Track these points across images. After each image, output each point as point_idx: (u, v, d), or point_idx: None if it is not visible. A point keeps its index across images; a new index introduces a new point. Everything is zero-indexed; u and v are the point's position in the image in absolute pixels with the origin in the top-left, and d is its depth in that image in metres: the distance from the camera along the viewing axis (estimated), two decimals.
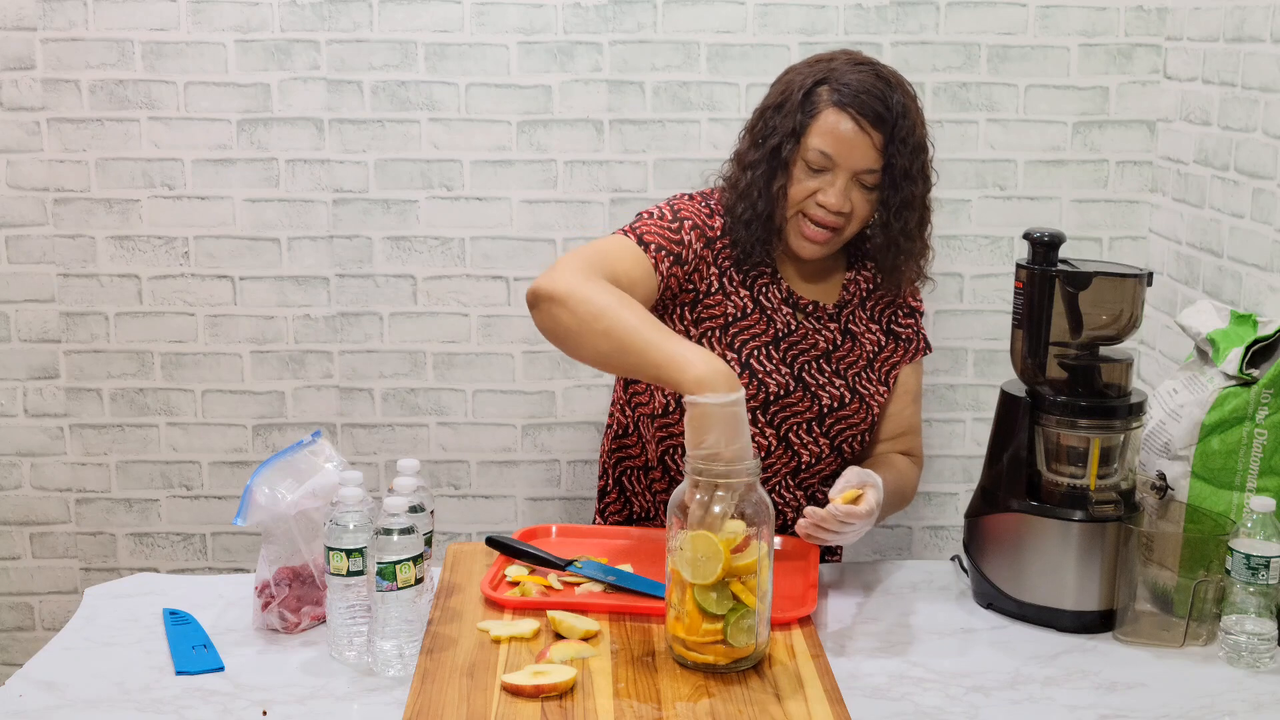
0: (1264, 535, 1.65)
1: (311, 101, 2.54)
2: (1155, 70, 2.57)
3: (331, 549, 1.60)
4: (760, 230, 1.92)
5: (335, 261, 2.60)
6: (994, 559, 1.82)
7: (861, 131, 1.86)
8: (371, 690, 1.56)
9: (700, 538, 1.52)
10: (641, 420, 2.04)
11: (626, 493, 2.11)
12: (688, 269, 1.91)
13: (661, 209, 1.94)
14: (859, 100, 1.85)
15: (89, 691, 1.55)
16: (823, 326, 1.99)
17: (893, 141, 1.87)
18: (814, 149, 1.87)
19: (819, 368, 1.97)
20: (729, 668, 1.55)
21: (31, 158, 2.54)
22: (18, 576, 2.70)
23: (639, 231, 1.89)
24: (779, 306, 1.97)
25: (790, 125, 1.88)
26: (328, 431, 2.64)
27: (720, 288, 1.95)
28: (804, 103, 1.88)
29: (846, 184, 1.88)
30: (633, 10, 2.51)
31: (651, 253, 1.87)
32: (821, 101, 1.87)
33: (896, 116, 1.86)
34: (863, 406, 1.98)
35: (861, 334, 2.01)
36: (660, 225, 1.91)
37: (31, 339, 2.61)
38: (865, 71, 1.89)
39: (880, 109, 1.86)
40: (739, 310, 1.95)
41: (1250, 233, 2.21)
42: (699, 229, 1.93)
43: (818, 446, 1.97)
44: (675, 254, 1.89)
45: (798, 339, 1.97)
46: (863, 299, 2.02)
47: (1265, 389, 1.77)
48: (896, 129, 1.86)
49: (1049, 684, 1.61)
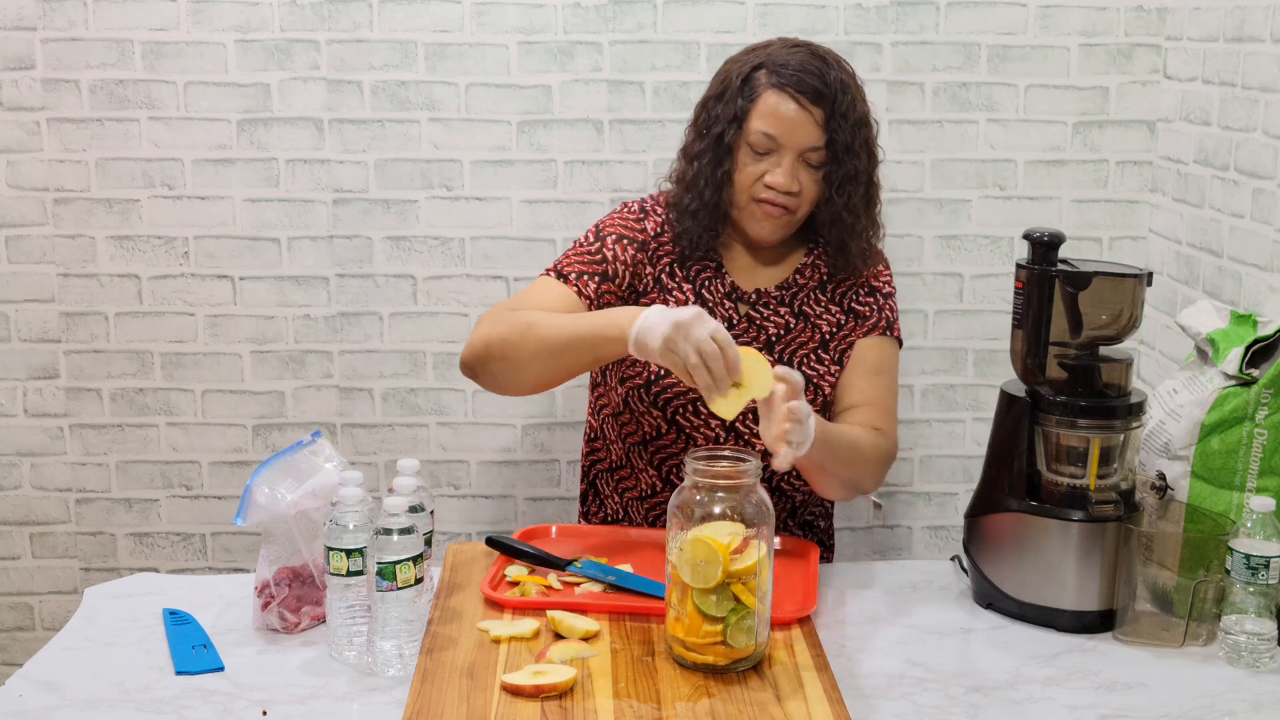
0: (1264, 535, 1.65)
1: (311, 101, 2.53)
2: (1155, 70, 2.57)
3: (331, 549, 1.60)
4: (707, 219, 1.94)
5: (335, 261, 2.60)
6: (994, 559, 1.82)
7: (802, 109, 1.88)
8: (371, 690, 1.56)
9: (699, 542, 1.52)
10: (606, 421, 2.07)
11: (600, 495, 2.14)
12: (622, 280, 1.96)
13: (586, 234, 2.00)
14: (797, 79, 1.88)
15: (89, 691, 1.55)
16: (772, 312, 1.99)
17: (834, 117, 1.89)
18: (757, 131, 1.89)
19: None
20: (728, 668, 1.55)
21: (31, 158, 2.54)
22: (18, 576, 2.70)
23: (559, 266, 1.96)
24: (721, 300, 1.98)
25: (732, 111, 1.91)
26: (328, 431, 2.64)
27: (659, 285, 1.97)
28: (743, 88, 1.91)
29: (793, 163, 1.90)
30: (633, 10, 2.52)
31: (572, 281, 1.93)
32: (760, 84, 1.90)
33: (835, 92, 1.89)
34: (810, 388, 1.97)
35: (817, 316, 2.00)
36: (579, 251, 1.97)
37: (31, 339, 2.61)
38: (801, 51, 1.92)
39: (819, 85, 1.88)
40: (681, 305, 1.96)
41: (1250, 233, 2.21)
42: (624, 239, 1.97)
43: None
44: (600, 273, 1.94)
45: (739, 332, 1.98)
46: (822, 281, 2.02)
47: (1265, 389, 1.77)
48: (837, 104, 1.89)
49: (1049, 684, 1.61)
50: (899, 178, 2.60)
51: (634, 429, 2.02)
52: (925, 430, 2.71)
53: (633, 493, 2.07)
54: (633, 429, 2.02)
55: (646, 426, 2.00)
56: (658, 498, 2.04)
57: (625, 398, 2.00)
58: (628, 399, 2.00)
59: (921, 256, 2.64)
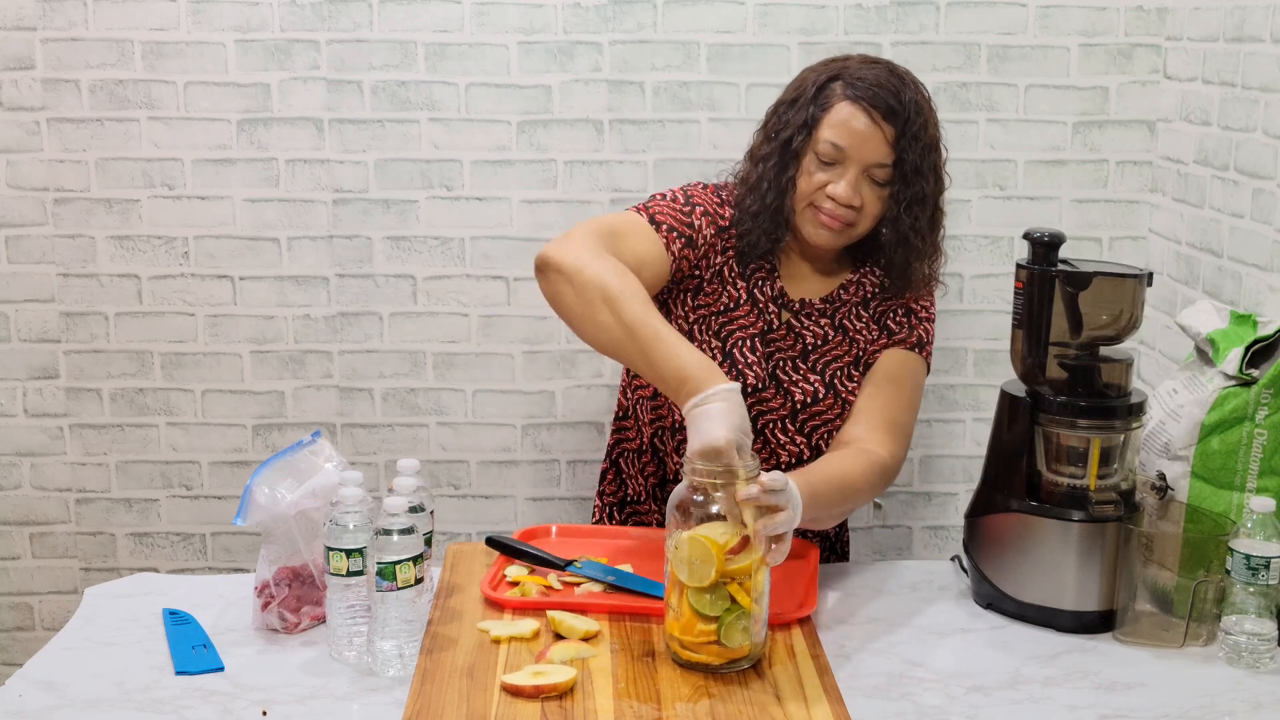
0: (1264, 535, 1.65)
1: (311, 101, 2.53)
2: (1155, 70, 2.57)
3: (331, 549, 1.60)
4: (767, 223, 1.92)
5: (335, 261, 2.60)
6: (994, 559, 1.82)
7: (873, 124, 1.86)
8: (371, 690, 1.56)
9: (695, 541, 1.52)
10: (640, 402, 2.06)
11: (623, 474, 2.13)
12: (698, 253, 1.93)
13: (674, 192, 1.96)
14: (872, 93, 1.86)
15: (89, 691, 1.55)
16: (812, 323, 1.98)
17: (904, 136, 1.87)
18: (825, 141, 1.87)
19: (794, 365, 1.97)
20: (724, 668, 1.55)
21: (31, 158, 2.54)
22: (18, 576, 2.70)
23: (652, 211, 1.91)
24: (768, 303, 1.97)
25: (802, 118, 1.89)
26: (328, 431, 2.64)
27: (721, 276, 1.96)
28: (816, 96, 1.89)
29: (857, 177, 1.88)
30: (633, 10, 2.51)
31: (664, 233, 1.89)
32: (834, 95, 1.88)
33: (909, 112, 1.87)
34: (838, 402, 1.97)
35: (856, 331, 1.99)
36: (673, 208, 1.93)
37: (31, 339, 2.61)
38: (879, 68, 1.91)
39: (893, 103, 1.86)
40: (733, 301, 1.96)
41: (1250, 233, 2.21)
42: (710, 216, 1.95)
43: (795, 446, 1.97)
44: (687, 236, 1.91)
45: (779, 336, 1.97)
46: (865, 298, 2.01)
47: (1265, 389, 1.77)
48: (909, 124, 1.87)
49: (1049, 684, 1.61)
50: None
51: (665, 413, 2.01)
52: (925, 430, 2.71)
53: (655, 477, 2.07)
54: (664, 413, 2.01)
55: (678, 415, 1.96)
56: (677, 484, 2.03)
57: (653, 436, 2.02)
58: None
59: None
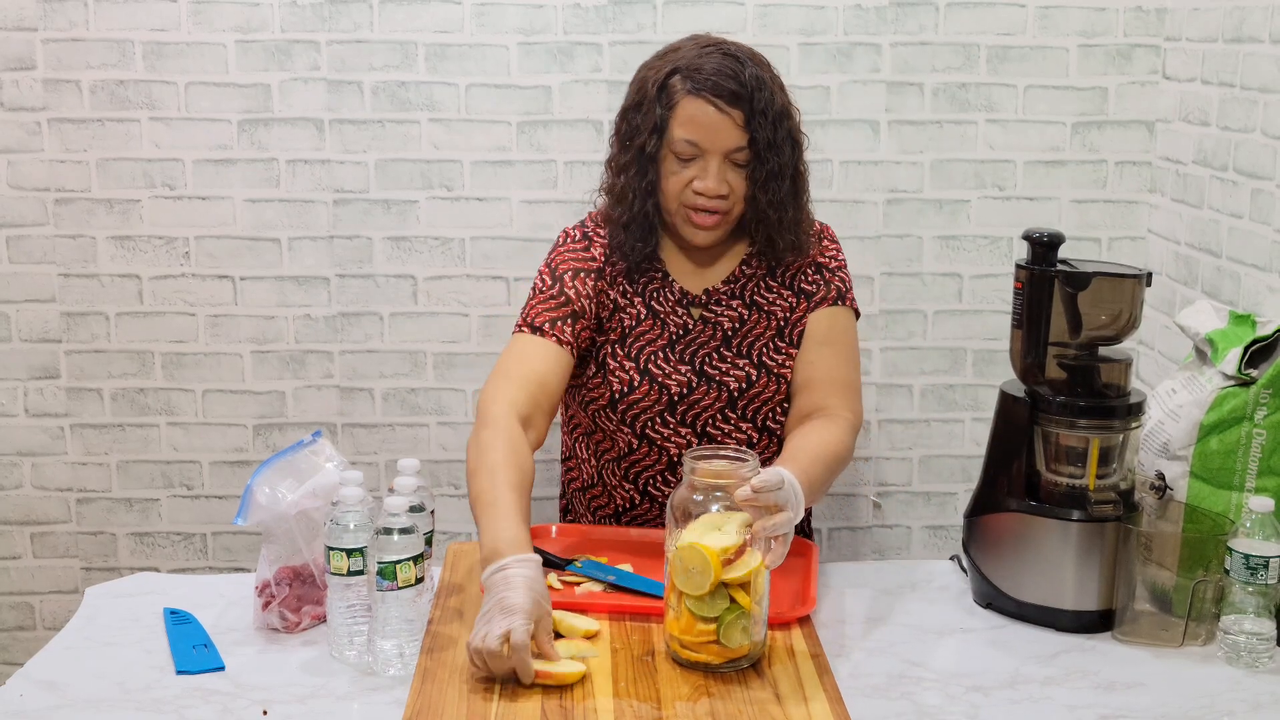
0: (1263, 535, 1.65)
1: (311, 102, 2.54)
2: (1154, 71, 2.57)
3: (332, 549, 1.60)
4: (639, 230, 1.94)
5: (335, 261, 2.60)
6: (994, 559, 1.82)
7: (721, 113, 1.87)
8: (371, 690, 1.56)
9: (692, 550, 1.52)
10: (579, 441, 2.08)
11: (575, 513, 2.14)
12: (589, 315, 1.95)
13: (541, 276, 1.98)
14: (712, 83, 1.87)
15: (89, 691, 1.56)
16: (724, 308, 1.99)
17: (754, 115, 1.88)
18: (679, 139, 1.88)
19: (720, 355, 1.97)
20: (723, 667, 1.55)
21: (32, 158, 2.54)
22: (18, 576, 2.70)
23: (529, 321, 1.93)
24: (673, 309, 1.98)
25: (652, 121, 1.90)
26: (328, 431, 2.64)
27: (615, 306, 1.97)
28: (660, 96, 1.90)
29: (719, 166, 1.89)
30: (633, 10, 2.52)
31: (548, 332, 1.92)
32: (677, 92, 1.89)
33: (752, 90, 1.87)
34: (772, 380, 1.97)
35: (770, 303, 1.99)
36: (543, 299, 1.95)
37: (32, 339, 2.61)
38: (713, 53, 1.90)
39: (735, 87, 1.87)
40: (634, 319, 1.97)
41: (1249, 233, 2.21)
42: (580, 272, 1.96)
43: (741, 432, 1.98)
44: (569, 314, 1.93)
45: (694, 334, 1.98)
46: (770, 268, 2.00)
47: (1264, 389, 1.77)
48: (754, 102, 1.87)
49: (1048, 684, 1.61)
50: (899, 178, 2.61)
51: (608, 446, 2.02)
52: (925, 430, 2.72)
53: (606, 510, 2.06)
54: (607, 446, 2.02)
55: (620, 443, 2.00)
56: (635, 511, 2.04)
57: (593, 417, 2.01)
58: (595, 418, 2.01)
59: (921, 256, 2.64)
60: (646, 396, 1.95)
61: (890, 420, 2.70)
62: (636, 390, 1.95)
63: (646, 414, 1.97)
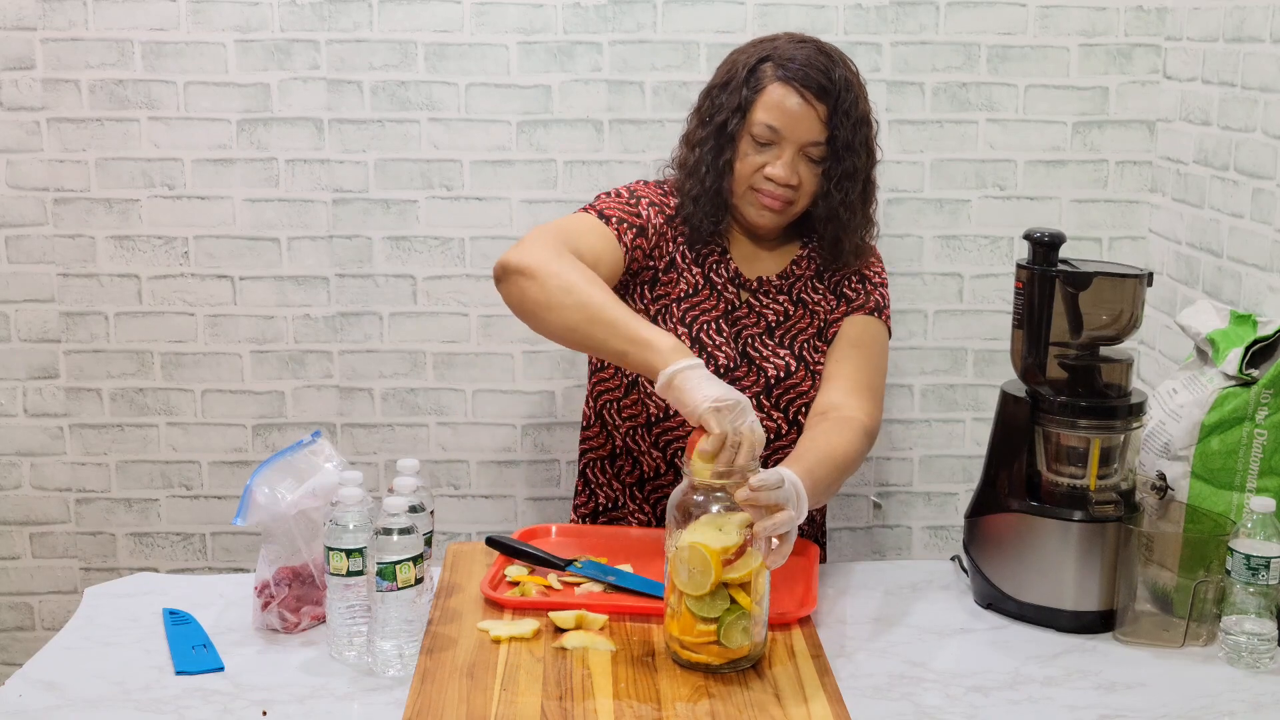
0: (1264, 535, 1.65)
1: (311, 101, 2.53)
2: (1155, 70, 2.57)
3: (331, 549, 1.60)
4: (709, 206, 1.96)
5: (335, 261, 2.60)
6: (994, 559, 1.82)
7: (806, 104, 1.90)
8: (371, 690, 1.56)
9: (693, 550, 1.52)
10: (608, 406, 2.07)
11: (591, 485, 2.14)
12: (650, 242, 1.96)
13: (618, 190, 2.00)
14: (803, 74, 1.90)
15: (89, 691, 1.55)
16: (771, 300, 2.01)
17: (836, 113, 1.91)
18: (760, 123, 1.91)
19: (763, 342, 1.99)
20: (723, 668, 1.55)
21: (31, 158, 2.54)
22: (18, 576, 2.70)
23: (599, 208, 1.95)
24: (725, 285, 2.00)
25: (736, 101, 1.92)
26: (328, 431, 2.64)
27: (675, 264, 1.99)
28: (748, 79, 1.92)
29: (793, 157, 1.91)
30: (633, 10, 2.51)
31: (614, 225, 1.92)
32: (766, 77, 1.91)
33: (839, 89, 1.91)
34: (808, 374, 1.99)
35: (814, 303, 2.02)
36: (619, 202, 1.96)
37: (31, 339, 2.61)
38: (807, 47, 1.94)
39: (824, 81, 1.90)
40: (691, 287, 1.98)
41: (1250, 233, 2.21)
42: (656, 206, 1.98)
43: (773, 421, 1.99)
44: (639, 226, 1.95)
45: (743, 314, 2.00)
46: (819, 271, 2.04)
47: (1265, 389, 1.77)
48: (840, 101, 1.91)
49: (1049, 684, 1.61)
50: (899, 178, 2.60)
51: (639, 411, 2.01)
52: (925, 430, 2.71)
53: (631, 477, 2.07)
54: (637, 411, 2.02)
55: (652, 408, 1.99)
56: (660, 480, 2.04)
57: (635, 377, 1.99)
58: (637, 378, 1.98)
59: (921, 256, 2.64)
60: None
61: (891, 420, 2.70)
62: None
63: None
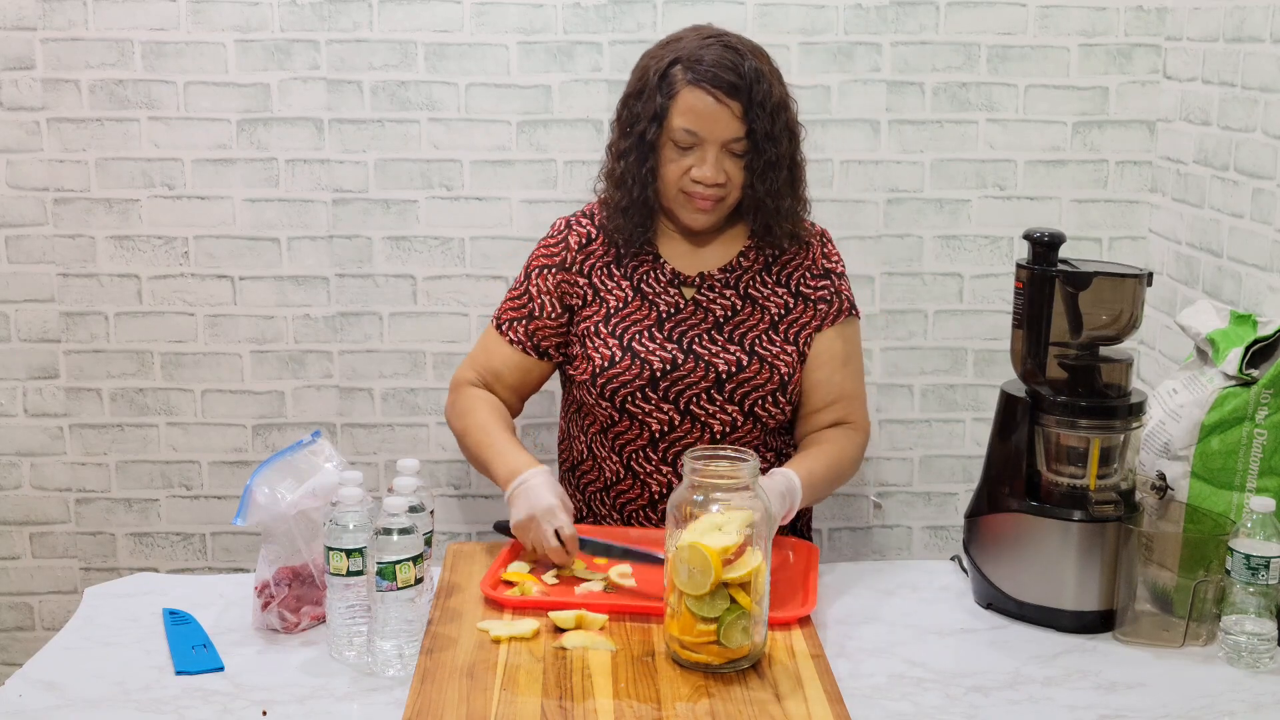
0: (1264, 535, 1.65)
1: (311, 101, 2.53)
2: (1155, 70, 2.57)
3: (331, 549, 1.60)
4: (638, 215, 2.01)
5: (335, 261, 2.60)
6: (994, 559, 1.82)
7: (720, 104, 1.92)
8: (371, 690, 1.56)
9: (693, 550, 1.52)
10: (571, 419, 2.14)
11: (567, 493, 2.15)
12: (548, 312, 2.06)
13: (518, 277, 2.12)
14: (712, 74, 1.92)
15: (89, 691, 1.55)
16: (717, 295, 2.03)
17: (751, 107, 1.93)
18: (678, 128, 1.94)
19: (711, 338, 2.01)
20: (723, 668, 1.55)
21: (31, 158, 2.54)
22: (17, 576, 2.70)
23: (497, 316, 2.11)
24: (664, 289, 2.03)
25: (652, 110, 1.95)
26: (328, 431, 2.64)
27: (594, 290, 2.04)
28: (661, 85, 1.95)
29: (717, 155, 1.94)
30: (633, 10, 2.51)
31: (504, 332, 2.08)
32: (678, 81, 1.94)
33: (750, 82, 1.93)
34: (764, 367, 2.00)
35: (764, 298, 2.04)
36: (512, 297, 2.10)
37: (31, 339, 2.61)
38: (714, 45, 1.95)
39: (734, 79, 1.92)
40: (620, 301, 2.03)
41: (1250, 233, 2.21)
42: (545, 269, 2.07)
43: (726, 415, 2.00)
44: (525, 315, 2.07)
45: (685, 315, 2.02)
46: (767, 263, 2.05)
47: (1265, 389, 1.77)
48: (753, 94, 1.93)
49: (1049, 684, 1.61)
50: (899, 178, 2.60)
51: (591, 420, 2.07)
52: (925, 430, 2.71)
53: (596, 484, 2.09)
54: (590, 420, 2.07)
55: (601, 417, 2.04)
56: (621, 485, 2.06)
57: (579, 392, 2.06)
58: (581, 393, 2.06)
59: (921, 256, 2.64)
60: (627, 372, 1.99)
61: (891, 420, 2.70)
62: (617, 365, 1.99)
63: (627, 389, 2.00)
